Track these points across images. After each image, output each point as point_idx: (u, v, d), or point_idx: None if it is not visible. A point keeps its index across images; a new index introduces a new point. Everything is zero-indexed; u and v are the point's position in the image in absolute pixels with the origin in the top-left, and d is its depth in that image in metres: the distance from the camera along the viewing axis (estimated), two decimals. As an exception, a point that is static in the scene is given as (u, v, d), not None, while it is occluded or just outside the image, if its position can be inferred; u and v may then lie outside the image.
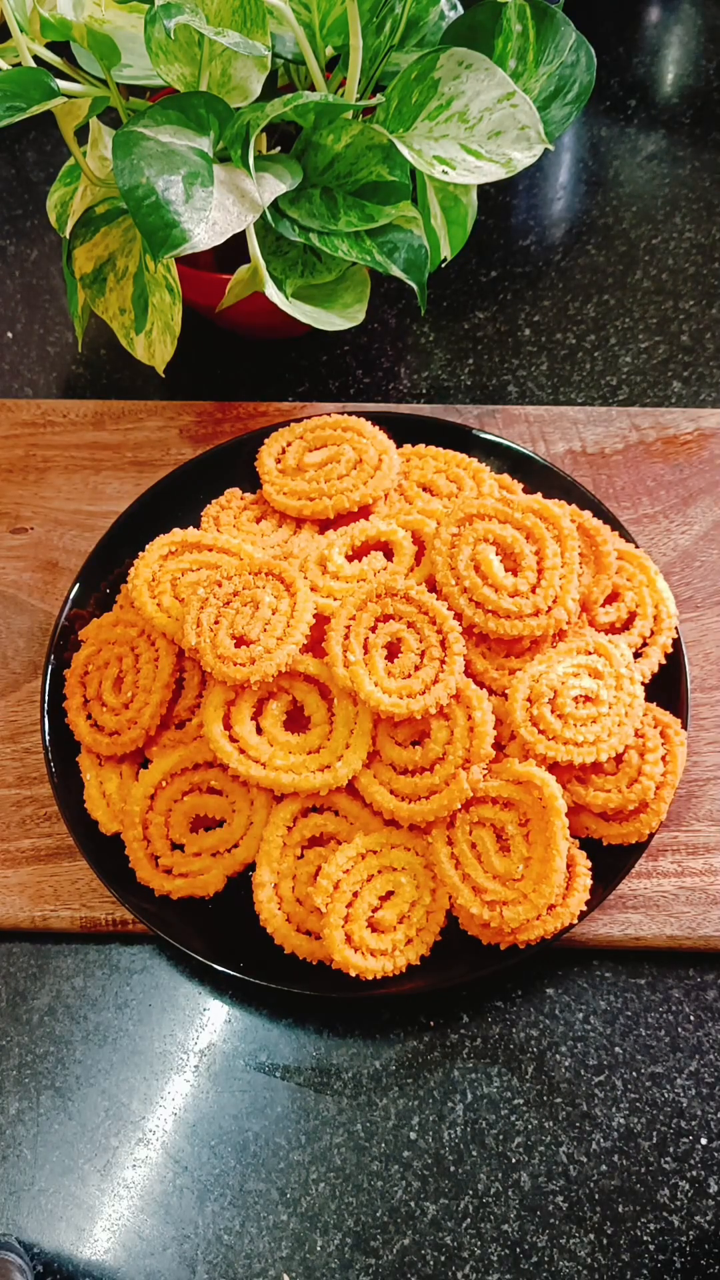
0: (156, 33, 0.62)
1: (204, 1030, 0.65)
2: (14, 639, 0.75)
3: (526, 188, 0.95)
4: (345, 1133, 0.62)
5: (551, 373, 0.85)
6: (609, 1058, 0.63)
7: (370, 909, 0.62)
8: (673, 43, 1.02)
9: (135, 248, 0.71)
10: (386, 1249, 0.60)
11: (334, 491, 0.72)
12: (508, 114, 0.66)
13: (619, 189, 0.94)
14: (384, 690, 0.63)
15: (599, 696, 0.63)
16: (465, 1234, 0.60)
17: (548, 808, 0.61)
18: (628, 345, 0.86)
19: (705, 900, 0.65)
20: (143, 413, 0.82)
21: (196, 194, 0.61)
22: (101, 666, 0.69)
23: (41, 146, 0.98)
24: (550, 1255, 0.59)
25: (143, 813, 0.65)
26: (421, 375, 0.86)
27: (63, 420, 0.82)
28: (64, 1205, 0.61)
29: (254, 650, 0.63)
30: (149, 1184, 0.62)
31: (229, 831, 0.65)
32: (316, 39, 0.70)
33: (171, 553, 0.70)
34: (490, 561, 0.66)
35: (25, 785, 0.70)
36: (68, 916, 0.66)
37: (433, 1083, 0.63)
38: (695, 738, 0.69)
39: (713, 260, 0.90)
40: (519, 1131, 0.62)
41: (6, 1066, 0.64)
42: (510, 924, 0.60)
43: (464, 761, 0.62)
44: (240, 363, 0.86)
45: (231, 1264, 0.60)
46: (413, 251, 0.68)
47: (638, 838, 0.63)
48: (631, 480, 0.79)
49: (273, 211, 0.68)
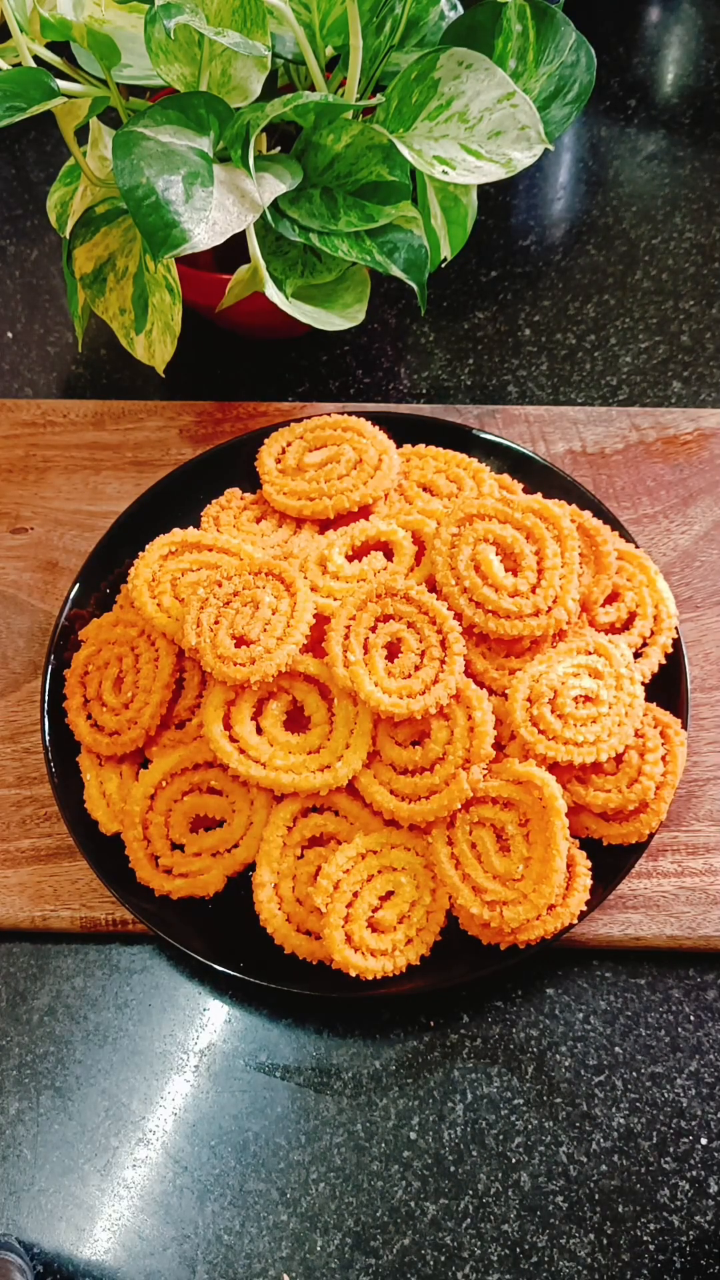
0: (156, 33, 0.62)
1: (204, 1030, 0.65)
2: (14, 639, 0.75)
3: (526, 188, 0.95)
4: (345, 1133, 0.62)
5: (551, 373, 0.85)
6: (609, 1058, 0.63)
7: (370, 909, 0.62)
8: (673, 43, 1.02)
9: (135, 248, 0.71)
10: (386, 1249, 0.60)
11: (334, 491, 0.72)
12: (508, 114, 0.66)
13: (619, 189, 0.94)
14: (384, 690, 0.63)
15: (599, 696, 0.63)
16: (465, 1234, 0.60)
17: (548, 808, 0.61)
18: (628, 345, 0.86)
19: (705, 900, 0.65)
20: (143, 413, 0.82)
21: (196, 194, 0.61)
22: (101, 666, 0.69)
23: (41, 146, 0.98)
24: (550, 1255, 0.59)
25: (143, 813, 0.65)
26: (421, 375, 0.86)
27: (63, 420, 0.82)
28: (64, 1205, 0.61)
29: (254, 650, 0.63)
30: (149, 1184, 0.62)
31: (229, 831, 0.65)
32: (316, 39, 0.70)
33: (171, 553, 0.70)
34: (490, 561, 0.66)
35: (25, 785, 0.70)
36: (68, 916, 0.66)
37: (433, 1083, 0.63)
38: (695, 738, 0.69)
39: (713, 260, 0.90)
40: (519, 1131, 0.62)
41: (6, 1066, 0.64)
42: (510, 924, 0.60)
43: (464, 761, 0.62)
44: (240, 363, 0.86)
45: (231, 1264, 0.60)
46: (413, 251, 0.68)
47: (638, 838, 0.63)
48: (631, 480, 0.79)
49: (273, 211, 0.68)
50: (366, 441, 0.74)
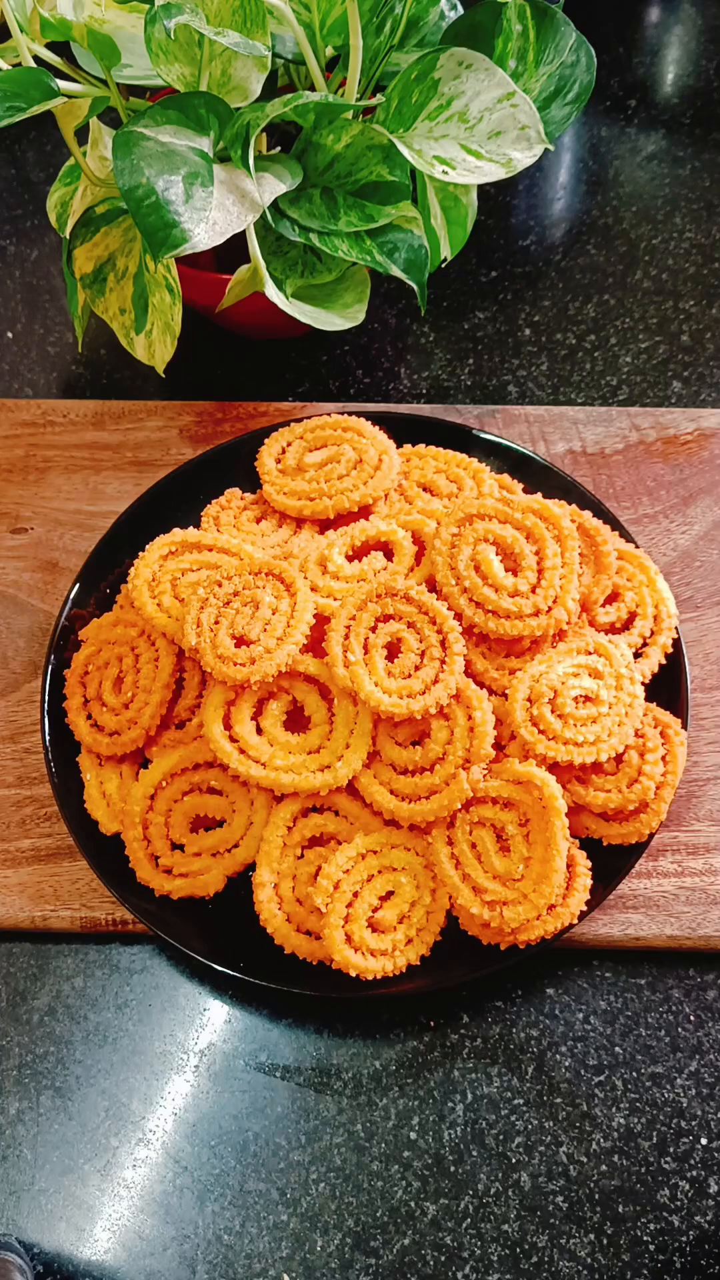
0: (156, 33, 0.62)
1: (204, 1030, 0.65)
2: (14, 639, 0.75)
3: (526, 188, 0.95)
4: (345, 1133, 0.62)
5: (551, 373, 0.85)
6: (609, 1058, 0.63)
7: (370, 909, 0.62)
8: (673, 43, 1.02)
9: (135, 248, 0.71)
10: (386, 1249, 0.60)
11: (334, 491, 0.72)
12: (508, 114, 0.66)
13: (619, 189, 0.94)
14: (384, 690, 0.63)
15: (599, 696, 0.63)
16: (465, 1234, 0.60)
17: (548, 808, 0.61)
18: (628, 345, 0.86)
19: (705, 900, 0.65)
20: (143, 413, 0.82)
21: (196, 194, 0.61)
22: (101, 666, 0.69)
23: (41, 146, 0.98)
24: (550, 1255, 0.59)
25: (143, 813, 0.65)
26: (421, 375, 0.86)
27: (63, 420, 0.82)
28: (64, 1205, 0.61)
29: (254, 650, 0.63)
30: (149, 1184, 0.62)
31: (229, 831, 0.65)
32: (316, 39, 0.70)
33: (171, 553, 0.70)
34: (490, 561, 0.66)
35: (25, 785, 0.70)
36: (68, 916, 0.66)
37: (433, 1083, 0.63)
38: (695, 738, 0.69)
39: (713, 260, 0.90)
40: (519, 1131, 0.62)
41: (6, 1066, 0.64)
42: (510, 924, 0.60)
43: (464, 761, 0.62)
44: (240, 363, 0.86)
45: (231, 1264, 0.60)
46: (413, 251, 0.68)
47: (638, 838, 0.63)
48: (631, 480, 0.79)
49: (273, 211, 0.68)
50: (366, 441, 0.74)
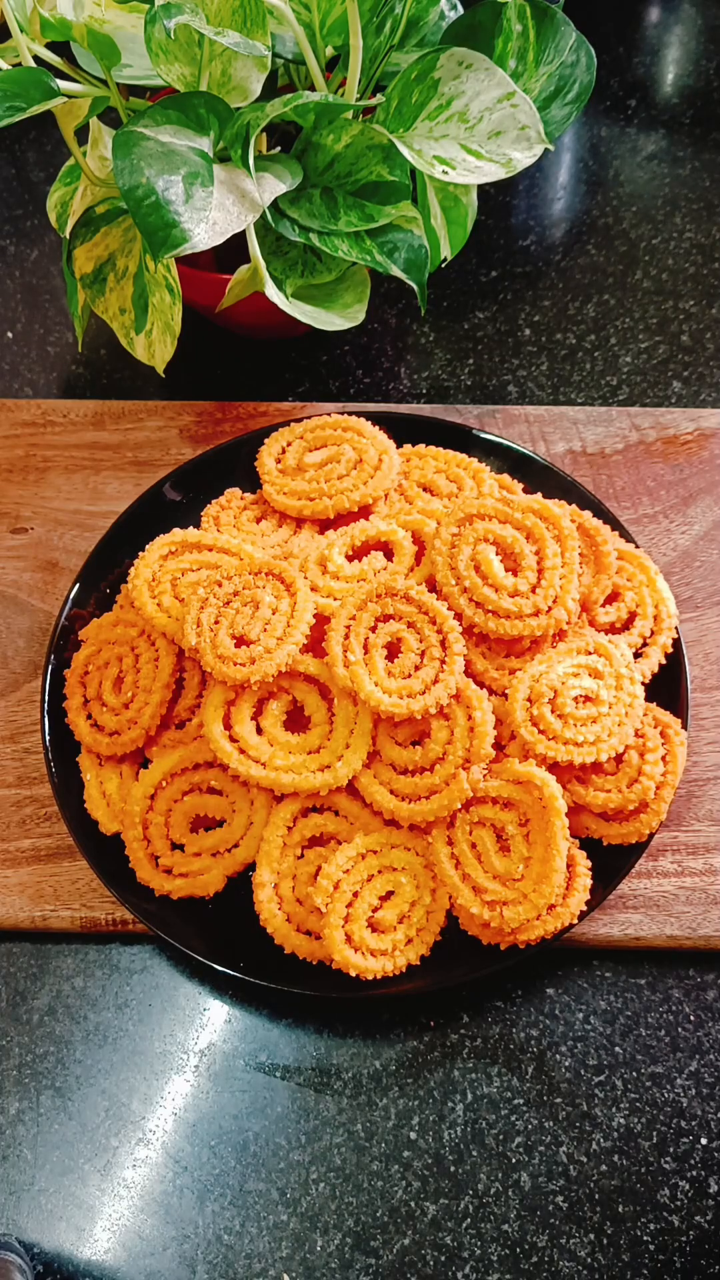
0: (156, 33, 0.62)
1: (204, 1030, 0.65)
2: (14, 639, 0.75)
3: (526, 188, 0.95)
4: (345, 1133, 0.62)
5: (551, 373, 0.85)
6: (609, 1058, 0.63)
7: (370, 909, 0.62)
8: (673, 43, 1.02)
9: (135, 248, 0.71)
10: (386, 1249, 0.60)
11: (334, 491, 0.72)
12: (508, 114, 0.66)
13: (619, 189, 0.94)
14: (384, 690, 0.63)
15: (599, 696, 0.63)
16: (465, 1234, 0.60)
17: (548, 808, 0.61)
18: (628, 345, 0.86)
19: (705, 900, 0.65)
20: (143, 413, 0.82)
21: (196, 194, 0.61)
22: (101, 666, 0.69)
23: (41, 146, 0.98)
24: (550, 1255, 0.59)
25: (143, 813, 0.65)
26: (421, 375, 0.86)
27: (63, 420, 0.82)
28: (64, 1205, 0.61)
29: (254, 650, 0.63)
30: (149, 1184, 0.62)
31: (229, 831, 0.65)
32: (316, 39, 0.70)
33: (171, 553, 0.70)
34: (490, 561, 0.66)
35: (25, 785, 0.70)
36: (68, 916, 0.66)
37: (433, 1083, 0.63)
38: (695, 738, 0.69)
39: (713, 260, 0.90)
40: (519, 1131, 0.62)
41: (6, 1066, 0.64)
42: (510, 924, 0.60)
43: (464, 761, 0.62)
44: (240, 363, 0.86)
45: (231, 1264, 0.60)
46: (413, 251, 0.68)
47: (638, 838, 0.63)
48: (631, 480, 0.79)
49: (273, 211, 0.68)
50: (366, 441, 0.74)
